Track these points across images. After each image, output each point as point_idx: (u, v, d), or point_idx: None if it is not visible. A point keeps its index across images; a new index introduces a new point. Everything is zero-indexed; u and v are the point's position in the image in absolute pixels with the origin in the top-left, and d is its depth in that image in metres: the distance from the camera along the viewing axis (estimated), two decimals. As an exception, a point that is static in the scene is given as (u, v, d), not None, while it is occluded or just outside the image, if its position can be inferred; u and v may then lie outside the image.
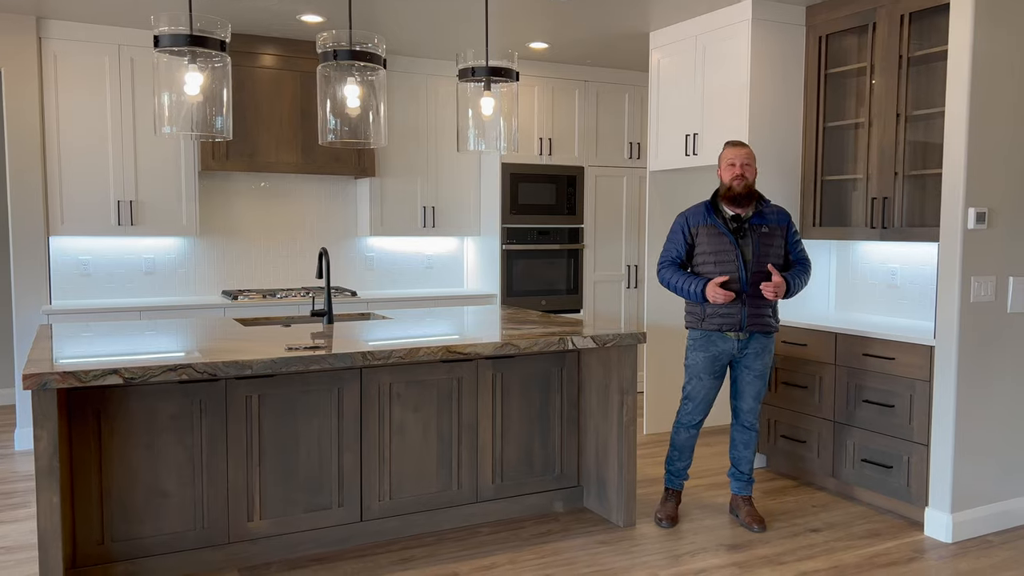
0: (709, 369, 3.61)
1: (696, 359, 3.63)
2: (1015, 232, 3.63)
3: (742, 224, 3.54)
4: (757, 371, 3.62)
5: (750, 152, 3.55)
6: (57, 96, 4.92)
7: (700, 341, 3.62)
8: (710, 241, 3.55)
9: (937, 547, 3.47)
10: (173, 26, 2.94)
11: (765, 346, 3.61)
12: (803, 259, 3.66)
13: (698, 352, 3.62)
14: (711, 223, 3.56)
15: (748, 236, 3.54)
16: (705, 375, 3.62)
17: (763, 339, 3.60)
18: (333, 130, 3.33)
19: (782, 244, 3.60)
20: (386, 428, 3.49)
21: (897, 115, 3.98)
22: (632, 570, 3.22)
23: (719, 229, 3.54)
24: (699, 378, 3.62)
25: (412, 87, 5.88)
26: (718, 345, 3.59)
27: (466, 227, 6.15)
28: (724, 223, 3.55)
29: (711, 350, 3.60)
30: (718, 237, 3.54)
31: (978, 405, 3.57)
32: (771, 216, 3.60)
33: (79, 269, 5.23)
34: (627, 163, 6.38)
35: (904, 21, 3.94)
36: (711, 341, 3.59)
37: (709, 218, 3.57)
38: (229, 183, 5.63)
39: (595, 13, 4.73)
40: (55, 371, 2.57)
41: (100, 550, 3.02)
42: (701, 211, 3.61)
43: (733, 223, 3.55)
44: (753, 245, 3.52)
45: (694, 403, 3.64)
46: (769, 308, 3.58)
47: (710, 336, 3.59)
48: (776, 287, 3.48)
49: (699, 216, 3.60)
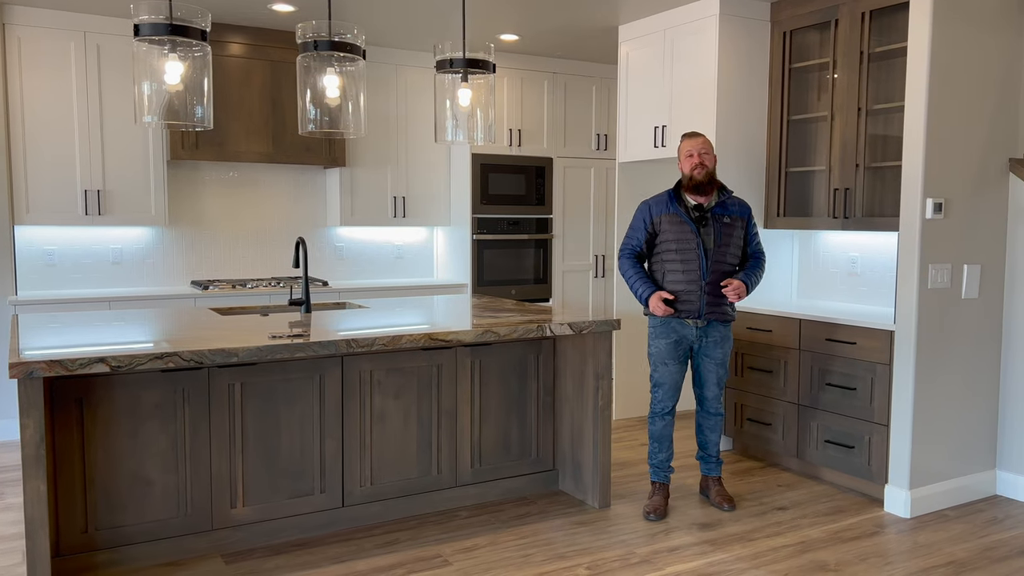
0: (672, 354, 3.70)
1: (659, 346, 3.71)
2: (970, 222, 3.80)
3: (704, 213, 3.64)
4: (718, 359, 3.72)
5: (707, 141, 3.64)
6: (22, 84, 4.84)
7: (660, 328, 3.71)
8: (672, 229, 3.64)
9: (897, 522, 3.64)
10: (153, 15, 2.93)
11: (724, 335, 3.71)
12: (758, 253, 3.75)
13: (660, 339, 3.71)
14: (674, 212, 3.65)
15: (710, 225, 3.63)
16: (670, 360, 3.70)
17: (721, 327, 3.70)
18: (313, 120, 3.36)
19: (742, 235, 3.70)
20: (367, 415, 3.54)
21: (858, 109, 4.13)
22: (608, 549, 3.32)
23: (681, 218, 3.63)
24: (664, 364, 3.70)
25: (382, 77, 5.89)
26: (678, 331, 3.68)
27: (436, 217, 6.20)
28: (687, 212, 3.64)
29: (672, 336, 3.69)
30: (680, 226, 3.63)
31: (935, 387, 3.75)
32: (733, 207, 3.68)
33: (44, 259, 5.16)
34: (595, 154, 6.49)
35: (865, 18, 4.09)
36: (671, 327, 3.69)
37: (672, 207, 3.66)
38: (198, 172, 5.59)
39: (565, 6, 4.80)
40: (41, 359, 2.57)
41: (84, 538, 3.02)
42: (664, 200, 3.68)
43: (695, 212, 3.64)
44: (715, 234, 3.62)
45: (663, 389, 3.73)
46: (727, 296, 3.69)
47: (669, 322, 3.68)
48: (736, 289, 3.59)
49: (662, 205, 3.68)
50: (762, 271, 3.74)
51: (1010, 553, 3.31)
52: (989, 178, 3.85)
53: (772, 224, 4.66)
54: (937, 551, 3.32)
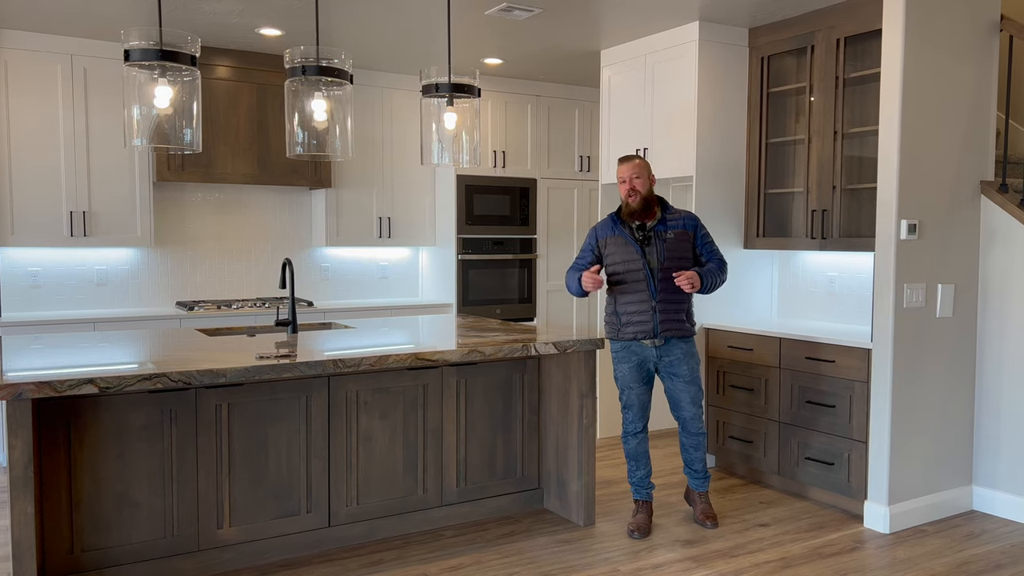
0: (636, 377, 3.74)
1: (623, 371, 3.76)
2: (943, 242, 3.90)
3: (647, 233, 3.70)
4: (685, 377, 3.72)
5: (640, 164, 3.67)
6: (8, 105, 4.86)
7: (622, 353, 3.75)
8: (618, 251, 3.69)
9: (876, 537, 3.70)
10: (144, 40, 2.98)
11: (686, 351, 3.72)
12: (717, 259, 3.76)
13: (622, 364, 3.76)
14: (618, 234, 3.71)
15: (653, 244, 3.68)
16: (634, 383, 3.74)
17: (682, 344, 3.72)
18: (301, 143, 3.41)
19: (690, 248, 3.72)
20: (353, 435, 3.57)
21: (834, 132, 4.24)
22: (594, 567, 3.36)
23: (625, 239, 3.69)
24: (630, 387, 3.75)
25: (367, 99, 5.96)
26: (638, 353, 3.72)
27: (421, 237, 6.25)
28: (630, 232, 3.70)
29: (633, 359, 3.73)
30: (625, 247, 3.68)
31: (911, 404, 3.83)
32: (676, 222, 3.71)
33: (28, 280, 5.16)
34: (578, 176, 6.57)
35: (840, 44, 4.21)
36: (631, 351, 3.73)
37: (616, 229, 3.72)
38: (184, 194, 5.62)
39: (548, 31, 4.90)
40: (30, 381, 2.59)
41: (70, 560, 3.02)
42: (608, 223, 3.76)
43: (639, 232, 3.70)
44: (658, 252, 3.66)
45: (632, 411, 3.76)
46: (682, 312, 3.70)
47: (629, 346, 3.73)
48: (690, 278, 3.56)
49: (607, 228, 3.75)
50: (722, 273, 3.72)
51: (986, 567, 3.38)
52: (962, 200, 3.95)
53: (751, 244, 4.74)
54: (915, 566, 3.38)
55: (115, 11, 4.47)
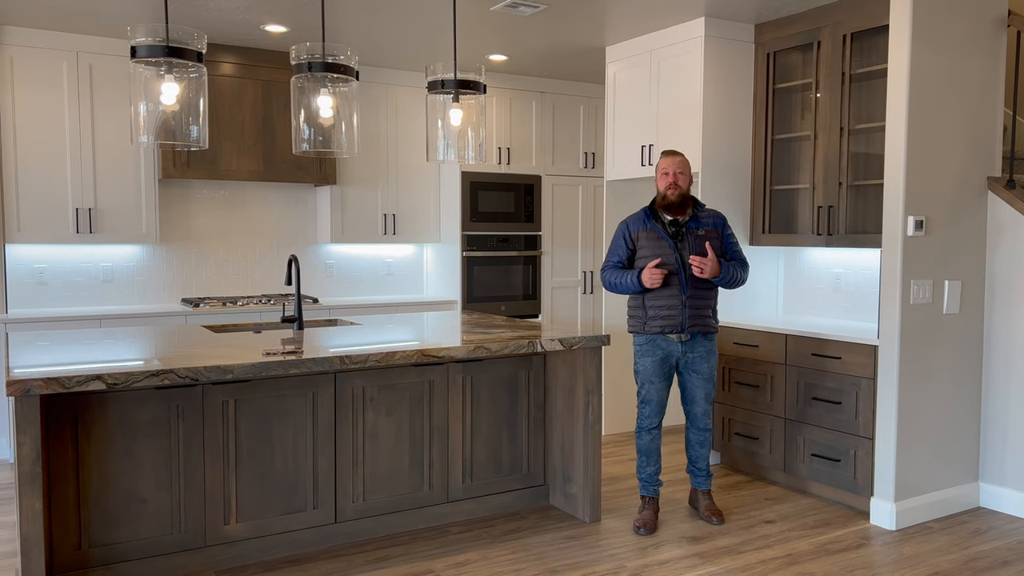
0: (659, 372, 3.76)
1: (645, 364, 3.77)
2: (950, 238, 3.89)
3: (680, 228, 3.72)
4: (704, 374, 3.76)
5: (684, 160, 3.72)
6: (13, 102, 4.87)
7: (646, 346, 3.76)
8: (650, 245, 3.71)
9: (882, 534, 3.69)
10: (150, 37, 2.98)
11: (709, 349, 3.76)
12: (740, 259, 3.80)
13: (646, 357, 3.76)
14: (650, 228, 3.72)
15: (686, 239, 3.70)
16: (656, 379, 3.76)
17: (705, 342, 3.75)
18: (307, 140, 3.41)
19: (719, 246, 3.75)
20: (359, 431, 3.57)
21: (840, 128, 4.22)
22: (599, 563, 3.36)
23: (658, 233, 3.70)
24: (651, 382, 3.76)
25: (372, 96, 5.96)
26: (663, 348, 3.73)
27: (426, 234, 6.25)
28: (663, 227, 3.71)
29: (657, 354, 3.74)
30: (657, 241, 3.70)
31: (917, 400, 3.82)
32: (707, 220, 3.75)
33: (35, 277, 5.17)
34: (582, 172, 6.56)
35: (846, 40, 4.19)
36: (656, 344, 3.74)
37: (648, 223, 3.73)
38: (189, 191, 5.63)
39: (553, 27, 4.89)
40: (38, 377, 2.60)
41: (77, 556, 3.03)
42: (641, 217, 3.77)
43: (672, 227, 3.71)
44: (691, 248, 3.69)
45: (651, 406, 3.78)
46: (709, 309, 3.73)
47: (654, 340, 3.74)
48: (702, 261, 3.56)
49: (639, 222, 3.76)
50: (745, 272, 3.77)
51: (993, 564, 3.37)
52: (968, 196, 3.94)
53: (757, 241, 4.73)
54: (922, 563, 3.38)
55: (121, 8, 4.48)
